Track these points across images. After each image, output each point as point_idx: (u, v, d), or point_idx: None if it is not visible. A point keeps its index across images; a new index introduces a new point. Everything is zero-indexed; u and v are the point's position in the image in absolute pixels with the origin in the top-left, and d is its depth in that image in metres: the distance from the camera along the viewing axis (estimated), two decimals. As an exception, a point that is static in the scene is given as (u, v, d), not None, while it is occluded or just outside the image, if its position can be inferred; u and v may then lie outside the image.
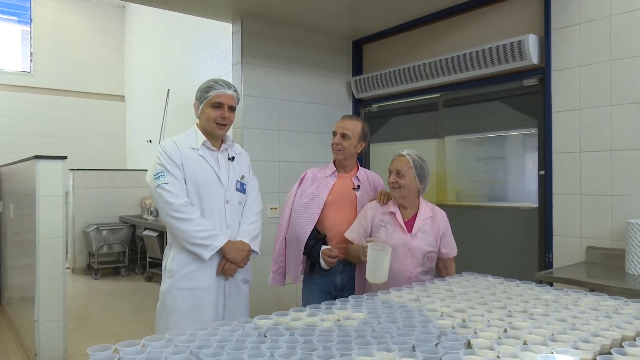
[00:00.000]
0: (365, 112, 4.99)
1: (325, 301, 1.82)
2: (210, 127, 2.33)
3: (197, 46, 6.59)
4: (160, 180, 2.22)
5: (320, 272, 2.66)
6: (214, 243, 2.24)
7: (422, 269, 2.51)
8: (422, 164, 2.53)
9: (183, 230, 2.20)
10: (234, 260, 2.30)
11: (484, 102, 3.96)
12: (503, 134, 3.84)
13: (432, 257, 2.53)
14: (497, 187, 3.90)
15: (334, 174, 2.76)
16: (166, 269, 2.30)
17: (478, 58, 3.76)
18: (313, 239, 2.64)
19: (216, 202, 2.31)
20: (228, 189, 2.36)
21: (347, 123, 2.75)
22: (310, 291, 2.71)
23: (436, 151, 4.30)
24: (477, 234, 3.95)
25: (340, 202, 2.71)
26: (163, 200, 2.21)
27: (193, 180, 2.27)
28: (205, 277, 2.28)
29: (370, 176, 2.84)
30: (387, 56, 4.74)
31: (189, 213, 2.21)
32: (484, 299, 1.90)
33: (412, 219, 2.56)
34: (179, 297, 2.24)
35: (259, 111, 4.34)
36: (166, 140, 2.35)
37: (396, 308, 1.77)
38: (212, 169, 2.33)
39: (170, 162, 2.25)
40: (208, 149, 2.35)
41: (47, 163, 3.77)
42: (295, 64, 4.57)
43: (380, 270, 2.26)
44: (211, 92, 2.32)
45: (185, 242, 2.22)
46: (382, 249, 2.27)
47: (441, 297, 1.96)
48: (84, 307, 5.56)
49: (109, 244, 7.13)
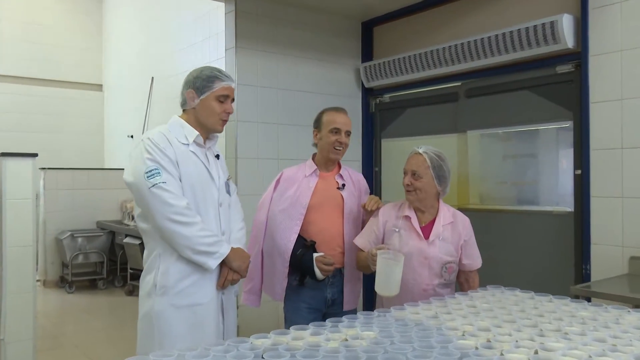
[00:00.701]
0: (376, 103, 4.99)
1: (314, 322, 1.80)
2: (212, 122, 2.33)
3: (184, 29, 6.60)
4: (155, 178, 2.16)
5: (311, 285, 2.66)
6: (220, 250, 2.24)
7: (440, 282, 2.51)
8: (441, 163, 2.53)
9: (187, 236, 2.17)
10: (239, 270, 2.31)
11: (511, 91, 3.95)
12: (533, 128, 3.83)
13: (451, 268, 2.53)
14: (526, 188, 3.89)
15: (315, 173, 2.77)
16: (156, 285, 2.21)
17: (505, 41, 3.75)
18: (301, 247, 2.64)
19: (212, 206, 2.31)
20: (220, 191, 2.37)
21: (346, 118, 2.78)
22: (296, 310, 2.70)
23: (457, 148, 4.29)
24: (503, 242, 3.94)
25: (326, 204, 2.71)
26: (162, 202, 2.15)
27: (188, 180, 2.25)
28: (206, 291, 2.26)
29: (352, 174, 2.86)
30: (401, 39, 4.73)
31: (192, 216, 2.19)
32: (511, 316, 1.90)
33: (430, 225, 2.55)
34: (177, 318, 2.20)
35: (255, 102, 4.35)
36: (153, 132, 2.30)
37: (411, 326, 1.76)
38: (205, 167, 2.33)
39: (164, 158, 2.20)
40: (198, 145, 2.34)
41: (14, 161, 3.78)
42: (297, 49, 4.57)
43: (392, 282, 2.26)
44: (217, 84, 2.30)
45: (189, 250, 2.19)
46: (393, 258, 2.27)
47: (463, 313, 1.96)
48: (56, 325, 5.58)
49: (84, 253, 7.15)
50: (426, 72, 4.35)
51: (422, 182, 2.51)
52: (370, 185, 4.97)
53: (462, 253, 2.57)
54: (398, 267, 2.26)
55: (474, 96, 4.22)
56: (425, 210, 2.57)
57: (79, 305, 6.49)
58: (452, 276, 2.57)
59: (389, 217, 2.62)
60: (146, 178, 2.17)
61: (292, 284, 2.71)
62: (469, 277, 2.64)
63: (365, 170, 4.97)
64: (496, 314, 1.93)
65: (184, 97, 2.36)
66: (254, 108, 4.35)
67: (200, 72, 2.34)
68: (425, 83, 4.51)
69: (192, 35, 6.32)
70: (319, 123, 2.79)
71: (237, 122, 4.25)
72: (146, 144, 2.23)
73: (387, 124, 4.92)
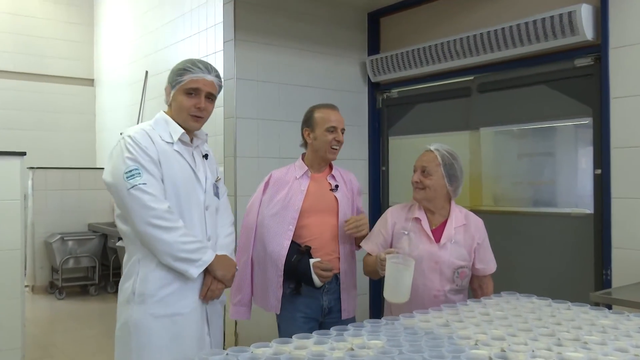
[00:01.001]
0: (383, 99, 4.99)
1: (315, 331, 1.80)
2: (182, 118, 2.30)
3: (181, 20, 6.61)
4: (135, 179, 2.14)
5: (306, 293, 2.65)
6: (203, 257, 2.22)
7: (452, 287, 2.51)
8: (452, 161, 2.53)
9: (168, 242, 2.15)
10: (224, 279, 2.28)
11: (526, 86, 3.95)
12: (550, 125, 3.83)
13: (463, 273, 2.53)
14: (543, 189, 3.88)
15: (307, 175, 2.76)
16: (135, 293, 2.21)
17: (520, 33, 3.75)
18: (295, 253, 2.63)
19: (196, 209, 2.29)
20: (207, 193, 2.35)
21: (339, 115, 2.78)
22: (291, 320, 2.69)
23: (469, 146, 4.29)
24: (518, 246, 3.94)
25: (319, 207, 2.71)
26: (141, 205, 2.13)
27: (172, 182, 2.23)
28: (188, 301, 2.24)
29: (344, 174, 2.87)
30: (409, 31, 4.73)
31: (174, 221, 2.17)
32: (527, 325, 1.90)
33: (441, 227, 2.56)
34: (156, 328, 2.18)
35: (255, 98, 4.36)
36: (134, 129, 2.28)
37: (421, 335, 1.77)
38: (191, 168, 2.31)
39: (145, 157, 2.19)
40: (183, 144, 2.32)
41: (1, 160, 3.79)
42: (299, 41, 4.58)
43: (401, 288, 2.27)
44: (186, 76, 2.27)
45: (169, 257, 2.17)
46: (403, 262, 2.27)
47: (476, 321, 1.96)
48: (45, 333, 5.60)
49: (75, 257, 7.17)
50: (436, 65, 4.35)
51: (432, 180, 2.52)
52: (377, 185, 5.00)
53: (475, 257, 2.57)
54: (408, 272, 2.26)
55: (487, 91, 4.22)
56: (435, 211, 2.58)
57: (70, 312, 6.50)
58: (465, 282, 2.57)
59: (398, 218, 2.63)
60: (125, 179, 2.15)
61: (286, 293, 2.70)
62: (483, 283, 2.64)
63: (372, 169, 4.98)
64: (511, 322, 1.93)
65: (165, 93, 2.37)
66: (254, 104, 4.36)
67: (174, 66, 2.34)
68: (435, 77, 4.51)
69: (188, 27, 6.33)
70: (310, 122, 2.77)
71: (236, 119, 4.26)
72: (126, 142, 2.21)
73: (394, 121, 4.92)
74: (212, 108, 2.36)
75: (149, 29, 7.46)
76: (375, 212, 4.89)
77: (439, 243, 2.51)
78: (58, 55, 9.18)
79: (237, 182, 4.22)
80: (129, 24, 8.20)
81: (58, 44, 9.20)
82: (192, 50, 6.26)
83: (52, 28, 9.16)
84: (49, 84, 9.03)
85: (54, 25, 9.18)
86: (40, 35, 9.05)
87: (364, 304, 4.84)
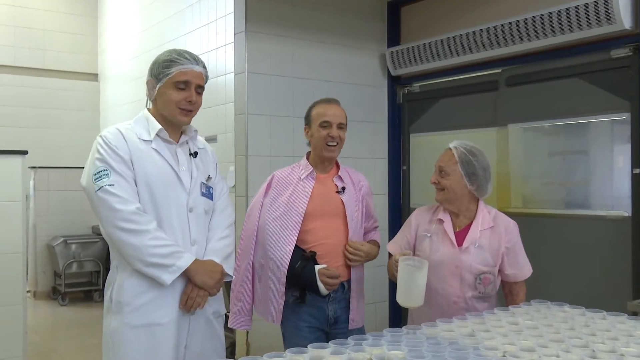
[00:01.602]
0: (404, 94, 4.98)
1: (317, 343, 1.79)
2: (171, 112, 2.30)
3: (189, 11, 6.65)
4: (102, 180, 2.15)
5: (311, 302, 2.65)
6: (177, 262, 2.18)
7: (474, 294, 2.51)
8: (470, 158, 2.52)
9: (135, 245, 2.14)
10: (204, 285, 2.25)
11: (559, 79, 3.92)
12: (584, 121, 3.80)
13: (487, 279, 2.52)
14: (576, 190, 3.86)
15: (312, 175, 2.75)
16: (112, 301, 2.23)
17: (551, 22, 3.73)
18: (300, 259, 2.61)
19: (176, 211, 2.28)
20: (191, 194, 2.32)
21: (338, 109, 2.76)
22: (295, 330, 2.69)
23: (496, 143, 4.27)
24: (549, 251, 3.92)
25: (325, 210, 2.70)
26: (107, 207, 2.14)
27: (145, 182, 2.23)
28: (166, 310, 2.22)
29: (352, 175, 2.85)
30: (432, 21, 4.72)
31: (143, 223, 2.16)
32: (559, 335, 1.89)
33: (466, 229, 2.56)
34: (130, 338, 2.19)
35: (268, 93, 4.37)
36: (109, 128, 2.31)
37: (445, 345, 1.77)
38: (171, 167, 2.29)
39: (114, 157, 2.20)
40: (164, 141, 2.32)
41: (2, 159, 3.83)
42: (315, 33, 4.59)
43: (413, 291, 2.27)
44: (174, 68, 2.27)
45: (139, 262, 2.16)
46: (414, 264, 2.27)
47: (503, 331, 1.95)
48: (47, 341, 5.66)
49: (79, 261, 7.24)
50: (461, 57, 4.34)
51: (450, 180, 2.52)
52: (398, 186, 4.99)
53: (505, 262, 2.56)
54: (421, 274, 2.27)
55: (516, 85, 4.20)
56: (459, 213, 2.58)
57: (73, 319, 6.57)
58: (489, 289, 2.55)
59: (422, 220, 2.63)
60: (93, 181, 2.17)
61: (290, 301, 2.70)
62: (514, 289, 2.63)
63: (391, 169, 4.97)
64: (542, 333, 1.93)
65: (147, 87, 2.37)
66: (267, 99, 4.37)
67: (158, 57, 2.33)
68: (460, 70, 4.50)
69: (197, 19, 6.36)
70: (308, 119, 2.79)
71: (248, 116, 4.27)
72: (98, 143, 2.25)
73: (416, 117, 4.90)
74: (201, 101, 2.36)
75: (155, 21, 7.51)
76: (395, 214, 4.88)
77: (460, 247, 2.51)
78: (60, 49, 9.26)
79: (249, 183, 4.23)
80: (134, 15, 8.26)
81: (60, 36, 9.27)
82: (200, 43, 6.30)
83: (54, 20, 9.24)
84: (50, 78, 9.10)
85: (56, 17, 9.25)
86: (42, 27, 9.13)
87: (383, 311, 4.84)
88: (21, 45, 8.94)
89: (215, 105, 4.91)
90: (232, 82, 4.53)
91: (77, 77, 9.35)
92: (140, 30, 8.00)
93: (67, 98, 9.21)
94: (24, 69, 8.94)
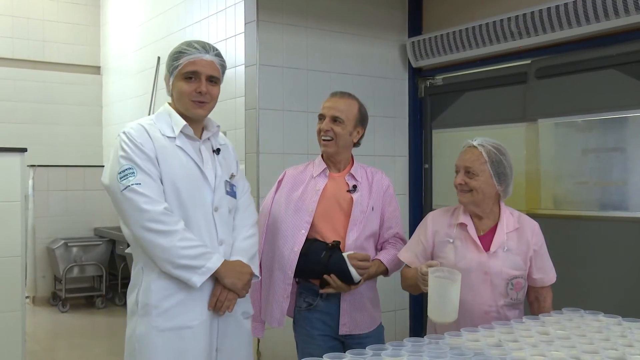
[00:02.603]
0: (426, 87, 4.97)
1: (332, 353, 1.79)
2: (184, 105, 2.34)
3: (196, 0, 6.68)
4: (128, 179, 2.19)
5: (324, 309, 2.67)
6: (207, 264, 2.23)
7: (506, 301, 2.50)
8: (500, 157, 2.52)
9: (165, 247, 2.18)
10: (234, 287, 2.30)
11: (593, 70, 3.90)
12: (621, 116, 3.77)
13: (519, 284, 2.52)
14: (612, 190, 3.84)
15: (325, 173, 2.77)
16: (138, 304, 2.26)
17: (585, 9, 3.70)
18: (324, 249, 2.63)
19: (202, 210, 2.32)
20: (216, 192, 2.37)
21: (338, 102, 2.76)
22: (308, 338, 2.71)
23: (525, 140, 4.26)
24: (583, 255, 3.90)
25: (335, 211, 2.72)
26: (134, 207, 2.18)
27: (171, 180, 2.26)
28: (195, 313, 2.27)
29: (370, 175, 2.84)
30: (456, 9, 4.71)
31: (172, 224, 2.20)
32: (593, 346, 1.88)
33: (490, 233, 2.55)
34: (160, 342, 2.22)
35: (280, 86, 4.38)
36: (131, 124, 2.34)
37: (470, 356, 1.76)
38: (196, 164, 2.34)
39: (140, 155, 2.23)
40: (188, 138, 2.36)
41: (0, 158, 3.86)
42: (330, 22, 4.59)
43: (448, 306, 2.26)
44: (182, 59, 2.31)
45: (168, 264, 2.20)
46: (449, 277, 2.26)
47: (533, 342, 1.95)
48: (48, 350, 5.70)
49: (80, 265, 7.28)
50: (487, 48, 4.32)
51: (479, 181, 2.50)
52: (419, 185, 4.98)
53: (532, 265, 2.55)
54: (455, 287, 2.25)
55: (546, 77, 4.18)
56: (483, 215, 2.57)
57: (74, 326, 6.61)
58: (521, 294, 2.55)
59: (440, 225, 2.62)
60: (119, 179, 2.20)
61: (302, 307, 2.72)
62: (540, 295, 2.62)
63: (412, 167, 4.96)
64: (574, 343, 1.92)
65: (165, 82, 2.42)
66: (279, 93, 4.38)
67: (171, 51, 2.37)
68: (486, 61, 4.48)
69: (205, 7, 6.39)
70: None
71: (259, 111, 4.29)
72: (122, 140, 2.27)
73: (439, 112, 4.89)
74: (216, 92, 2.39)
75: (160, 10, 7.54)
76: (416, 215, 4.87)
77: (488, 251, 2.50)
78: (61, 40, 9.31)
79: (260, 181, 4.25)
80: (138, 4, 8.30)
81: (60, 27, 9.33)
82: (209, 33, 6.32)
83: (54, 10, 9.29)
84: (50, 72, 9.16)
85: (56, 7, 9.31)
86: (41, 17, 9.18)
87: (404, 320, 4.83)
88: (19, 37, 8.99)
89: (224, 100, 4.92)
90: (243, 75, 4.54)
91: (78, 70, 9.40)
92: (145, 20, 8.05)
93: (68, 92, 9.26)
94: (22, 61, 8.99)
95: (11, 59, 8.91)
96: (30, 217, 7.35)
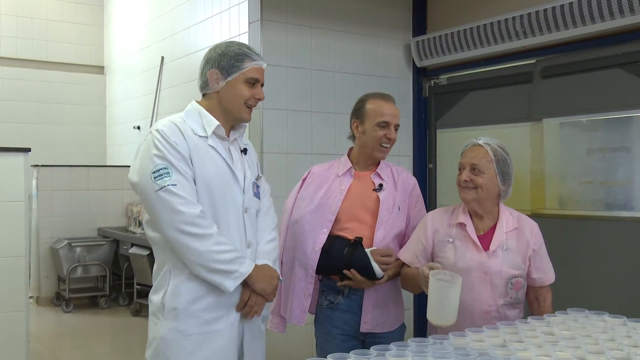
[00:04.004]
0: (431, 86, 4.97)
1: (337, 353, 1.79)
2: (238, 108, 2.33)
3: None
4: (164, 180, 2.16)
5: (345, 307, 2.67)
6: (239, 269, 2.23)
7: (506, 301, 2.51)
8: (505, 157, 2.54)
9: (199, 251, 2.17)
10: (263, 292, 2.31)
11: (598, 70, 3.90)
12: (626, 115, 3.77)
13: (519, 283, 2.53)
14: (617, 190, 3.83)
15: (350, 173, 2.78)
16: (165, 307, 2.25)
17: (590, 8, 3.70)
18: (346, 246, 2.64)
19: (234, 212, 2.32)
20: (246, 193, 2.36)
21: (395, 109, 2.77)
22: (328, 336, 2.72)
23: (530, 139, 4.25)
24: (588, 255, 3.89)
25: (360, 210, 2.72)
26: (169, 209, 2.16)
27: (205, 181, 2.25)
28: (224, 317, 2.27)
29: (396, 172, 2.83)
30: (461, 8, 4.70)
31: (207, 227, 2.19)
32: (598, 347, 1.88)
33: (490, 232, 2.56)
34: (186, 346, 2.22)
35: (284, 86, 4.38)
36: (163, 122, 2.31)
37: (474, 357, 1.76)
38: (228, 165, 2.33)
39: (174, 154, 2.21)
40: (219, 138, 2.35)
41: (4, 157, 3.86)
42: (334, 22, 4.59)
43: (446, 309, 2.26)
44: (248, 64, 2.31)
45: (201, 268, 2.19)
46: (448, 279, 2.27)
47: (538, 342, 1.95)
48: (51, 350, 5.72)
49: (84, 265, 7.29)
50: (492, 47, 4.32)
51: (484, 178, 2.51)
52: (424, 185, 4.97)
53: (531, 265, 2.56)
54: (454, 290, 2.25)
55: (552, 76, 4.17)
56: (483, 215, 2.58)
57: (78, 327, 6.62)
58: (520, 294, 2.56)
59: (440, 224, 2.62)
60: (153, 179, 2.18)
61: (323, 305, 2.73)
62: (540, 295, 2.63)
63: (417, 167, 4.96)
64: (579, 344, 1.92)
65: (205, 78, 2.35)
66: (283, 93, 4.38)
67: (226, 49, 2.33)
68: (491, 61, 4.48)
69: (209, 7, 6.39)
70: (361, 112, 2.77)
71: (263, 110, 4.29)
72: (154, 137, 2.24)
73: (443, 111, 4.89)
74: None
75: (164, 10, 7.55)
76: (421, 216, 4.86)
77: (487, 251, 2.51)
78: (64, 40, 9.32)
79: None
80: (142, 3, 8.31)
81: (64, 27, 9.34)
82: (213, 33, 6.33)
83: (58, 9, 9.30)
84: (54, 71, 9.17)
85: (59, 6, 9.32)
86: (45, 17, 9.19)
87: (408, 320, 4.82)
88: (23, 36, 9.01)
89: (228, 100, 4.93)
90: (246, 75, 4.54)
91: (82, 70, 9.41)
92: (149, 20, 8.06)
93: (72, 92, 9.27)
94: (26, 61, 9.01)
95: (15, 59, 8.92)
96: (33, 217, 7.38)
